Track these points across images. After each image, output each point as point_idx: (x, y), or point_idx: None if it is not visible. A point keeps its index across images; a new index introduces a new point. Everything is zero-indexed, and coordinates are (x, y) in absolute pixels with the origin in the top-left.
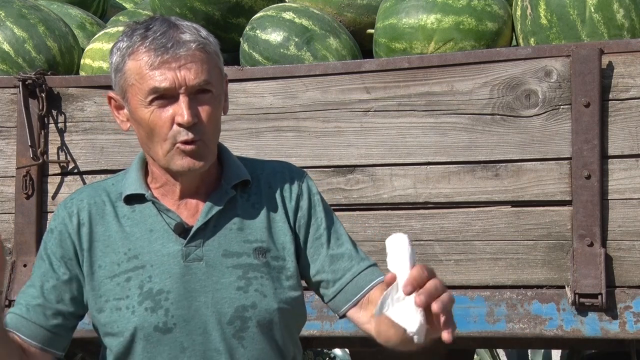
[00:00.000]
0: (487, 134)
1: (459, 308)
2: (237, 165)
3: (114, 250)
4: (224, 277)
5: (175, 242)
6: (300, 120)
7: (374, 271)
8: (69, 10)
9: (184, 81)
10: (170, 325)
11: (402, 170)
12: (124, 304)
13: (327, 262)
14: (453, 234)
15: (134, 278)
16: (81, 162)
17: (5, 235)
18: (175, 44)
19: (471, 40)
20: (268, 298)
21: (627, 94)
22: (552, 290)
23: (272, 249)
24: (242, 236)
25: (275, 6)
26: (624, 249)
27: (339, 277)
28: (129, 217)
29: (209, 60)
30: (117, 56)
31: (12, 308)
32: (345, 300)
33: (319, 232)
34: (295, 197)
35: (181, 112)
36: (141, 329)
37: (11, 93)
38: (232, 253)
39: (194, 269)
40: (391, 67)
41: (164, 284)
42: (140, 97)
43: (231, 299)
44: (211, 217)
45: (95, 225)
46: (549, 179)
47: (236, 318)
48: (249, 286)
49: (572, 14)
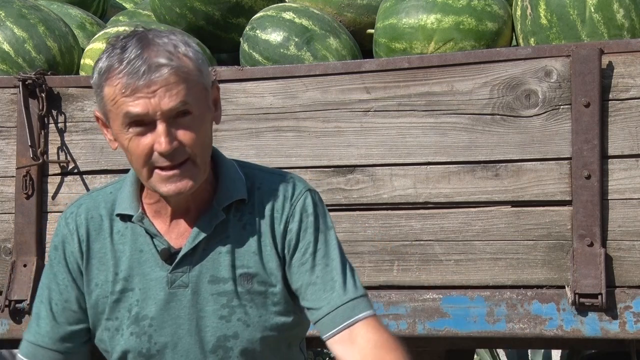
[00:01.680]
0: (487, 134)
1: (459, 308)
2: (232, 181)
3: (107, 269)
4: (208, 304)
5: (161, 267)
6: (300, 120)
7: (355, 306)
8: (69, 10)
9: (158, 107)
10: (154, 352)
11: (402, 170)
12: (113, 325)
13: (309, 290)
14: (453, 234)
15: (124, 300)
16: (81, 162)
17: (5, 235)
18: (148, 70)
19: (471, 40)
20: (251, 328)
21: (627, 94)
22: (552, 290)
23: (260, 273)
24: (230, 260)
25: (275, 6)
26: (624, 249)
27: (317, 307)
28: (122, 234)
29: (186, 80)
30: (97, 78)
31: (25, 334)
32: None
33: (305, 257)
34: (284, 220)
35: (159, 140)
36: (128, 352)
37: (11, 93)
38: (218, 279)
39: (179, 296)
40: (391, 67)
41: (149, 309)
42: (118, 123)
43: (213, 328)
44: (199, 242)
45: (92, 242)
46: (549, 179)
47: (218, 347)
48: (231, 315)
49: (572, 14)
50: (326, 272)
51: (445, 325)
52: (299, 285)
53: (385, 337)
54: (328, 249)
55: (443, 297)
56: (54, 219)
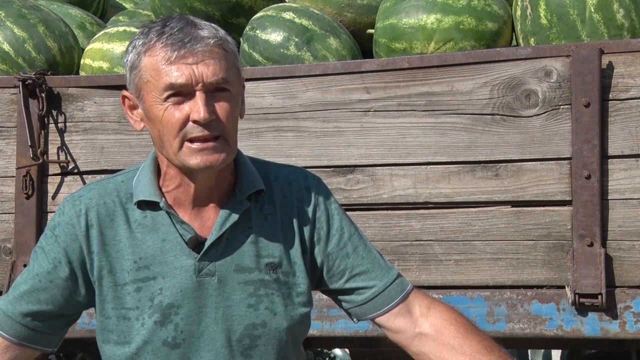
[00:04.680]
0: (487, 134)
1: (459, 308)
2: (251, 172)
3: (123, 257)
4: (235, 293)
5: (188, 255)
6: (300, 120)
7: (402, 280)
8: (69, 10)
9: (201, 77)
10: (179, 341)
11: (402, 170)
12: (133, 314)
13: (356, 270)
14: (453, 234)
15: (145, 289)
16: (81, 162)
17: (5, 235)
18: (193, 40)
19: (471, 40)
20: (278, 316)
21: (627, 94)
22: (552, 290)
23: (283, 264)
24: (254, 250)
25: (275, 6)
26: (624, 249)
27: (371, 285)
28: (140, 223)
29: (227, 58)
30: (133, 54)
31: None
32: (374, 309)
33: (342, 241)
34: (312, 210)
35: (197, 108)
36: (149, 342)
37: (11, 93)
38: (244, 268)
39: (206, 284)
40: (391, 67)
41: (175, 298)
42: (155, 93)
43: (241, 317)
44: (225, 231)
45: (104, 228)
46: (549, 179)
47: (245, 336)
48: (259, 304)
49: (572, 14)
50: (367, 252)
51: None
52: (343, 269)
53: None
54: (358, 231)
55: (443, 297)
56: None
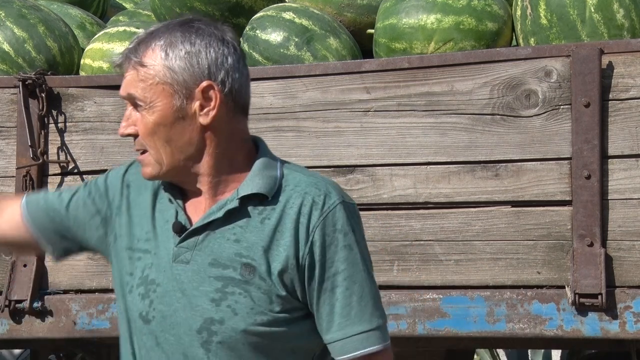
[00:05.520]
0: (487, 134)
1: (459, 308)
2: (262, 175)
3: (140, 225)
4: (203, 285)
5: (173, 239)
6: (300, 120)
7: (368, 337)
8: (69, 10)
9: (121, 89)
10: (150, 318)
11: (402, 170)
12: (127, 280)
13: (324, 310)
14: (453, 234)
15: (142, 259)
16: (81, 162)
17: None
18: (128, 52)
19: (471, 40)
20: (238, 317)
21: (627, 94)
22: (552, 290)
23: (262, 269)
24: (235, 248)
25: (275, 6)
26: (624, 249)
27: (330, 330)
28: (160, 201)
29: (141, 76)
30: None
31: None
32: (333, 354)
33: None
34: (311, 228)
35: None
36: (130, 310)
37: (11, 93)
38: (219, 263)
39: (179, 271)
40: (391, 67)
41: (157, 275)
42: None
43: (203, 309)
44: (210, 222)
45: (136, 194)
46: (549, 179)
47: (204, 329)
48: (222, 300)
49: (572, 14)
50: (345, 295)
51: (445, 325)
52: (314, 302)
53: None
54: (354, 270)
55: (443, 297)
56: None
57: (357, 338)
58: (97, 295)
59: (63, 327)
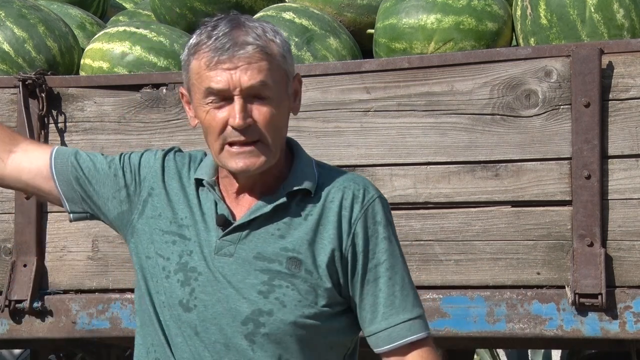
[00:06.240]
0: (487, 134)
1: (459, 308)
2: (303, 172)
3: (173, 209)
4: (249, 277)
5: (215, 231)
6: (300, 120)
7: (412, 326)
8: (69, 10)
9: (238, 83)
10: (191, 306)
11: (402, 170)
12: (162, 263)
13: (368, 300)
14: (453, 234)
15: (178, 244)
16: None
17: (5, 235)
18: (233, 46)
19: (471, 40)
20: (287, 309)
21: (627, 94)
22: (552, 290)
23: (308, 262)
24: (280, 243)
25: (275, 6)
26: (624, 249)
27: (375, 320)
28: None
29: (269, 63)
30: (185, 54)
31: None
32: (376, 345)
33: (370, 265)
34: (353, 220)
35: (234, 114)
36: (169, 297)
37: (11, 93)
38: (264, 257)
39: (223, 263)
40: (391, 67)
41: (199, 264)
42: (199, 96)
43: (250, 301)
44: (255, 218)
45: (174, 178)
46: (549, 179)
47: (250, 320)
48: (270, 293)
49: (572, 14)
50: (388, 285)
51: (445, 325)
52: (357, 294)
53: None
54: (394, 261)
55: (443, 297)
56: (54, 219)
57: (403, 326)
58: (97, 295)
59: (63, 327)
